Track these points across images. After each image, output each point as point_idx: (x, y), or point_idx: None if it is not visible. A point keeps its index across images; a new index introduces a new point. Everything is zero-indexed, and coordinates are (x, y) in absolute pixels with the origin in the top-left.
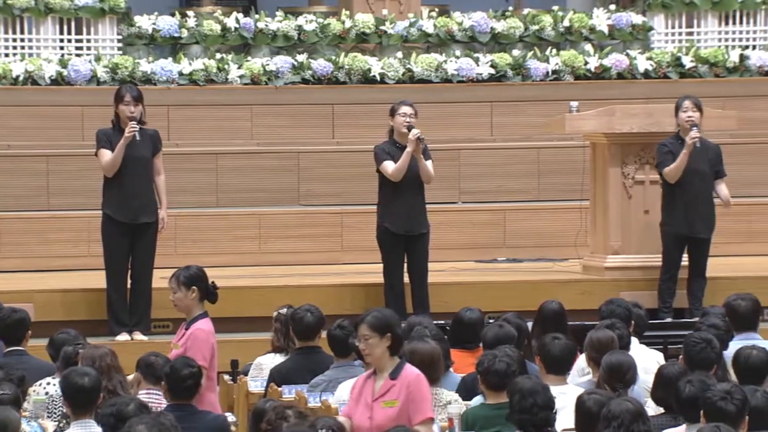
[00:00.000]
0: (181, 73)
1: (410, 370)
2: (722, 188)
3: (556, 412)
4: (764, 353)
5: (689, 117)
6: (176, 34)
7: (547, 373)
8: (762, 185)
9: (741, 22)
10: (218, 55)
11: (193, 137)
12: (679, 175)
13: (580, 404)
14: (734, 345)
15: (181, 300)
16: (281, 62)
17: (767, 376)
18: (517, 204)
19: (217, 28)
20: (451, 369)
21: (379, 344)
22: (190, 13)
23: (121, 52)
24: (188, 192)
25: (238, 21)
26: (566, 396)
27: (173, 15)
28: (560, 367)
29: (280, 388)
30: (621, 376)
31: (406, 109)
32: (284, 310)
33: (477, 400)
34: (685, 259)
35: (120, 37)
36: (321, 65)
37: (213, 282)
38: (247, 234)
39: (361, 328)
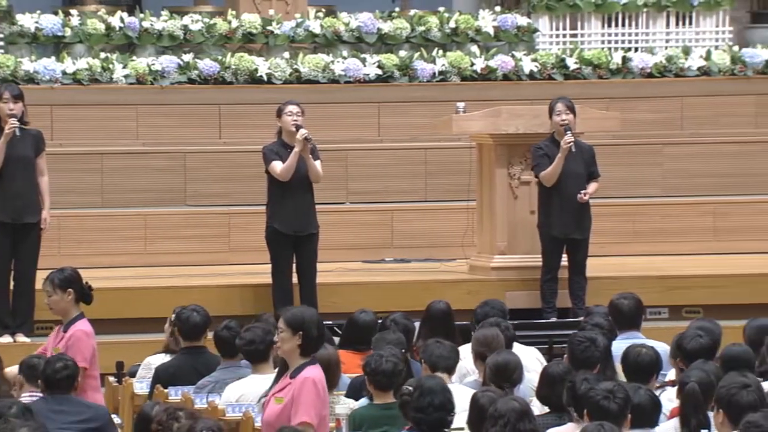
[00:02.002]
0: (64, 73)
1: (305, 373)
2: (590, 185)
3: (453, 416)
4: (653, 352)
5: (563, 120)
6: (59, 33)
7: (432, 373)
8: (645, 186)
9: (624, 25)
10: (103, 55)
11: (77, 137)
12: (556, 178)
13: (474, 401)
14: (618, 344)
15: (57, 303)
16: (167, 62)
17: (654, 374)
18: (404, 204)
19: (101, 27)
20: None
21: (290, 340)
22: (74, 11)
23: (2, 51)
24: (73, 192)
25: (122, 20)
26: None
27: (56, 14)
28: (445, 367)
29: (166, 390)
30: (508, 375)
31: (292, 108)
32: None
33: (364, 400)
34: (565, 260)
35: (1, 35)
36: (207, 65)
37: (88, 283)
38: (133, 234)
39: (280, 320)
